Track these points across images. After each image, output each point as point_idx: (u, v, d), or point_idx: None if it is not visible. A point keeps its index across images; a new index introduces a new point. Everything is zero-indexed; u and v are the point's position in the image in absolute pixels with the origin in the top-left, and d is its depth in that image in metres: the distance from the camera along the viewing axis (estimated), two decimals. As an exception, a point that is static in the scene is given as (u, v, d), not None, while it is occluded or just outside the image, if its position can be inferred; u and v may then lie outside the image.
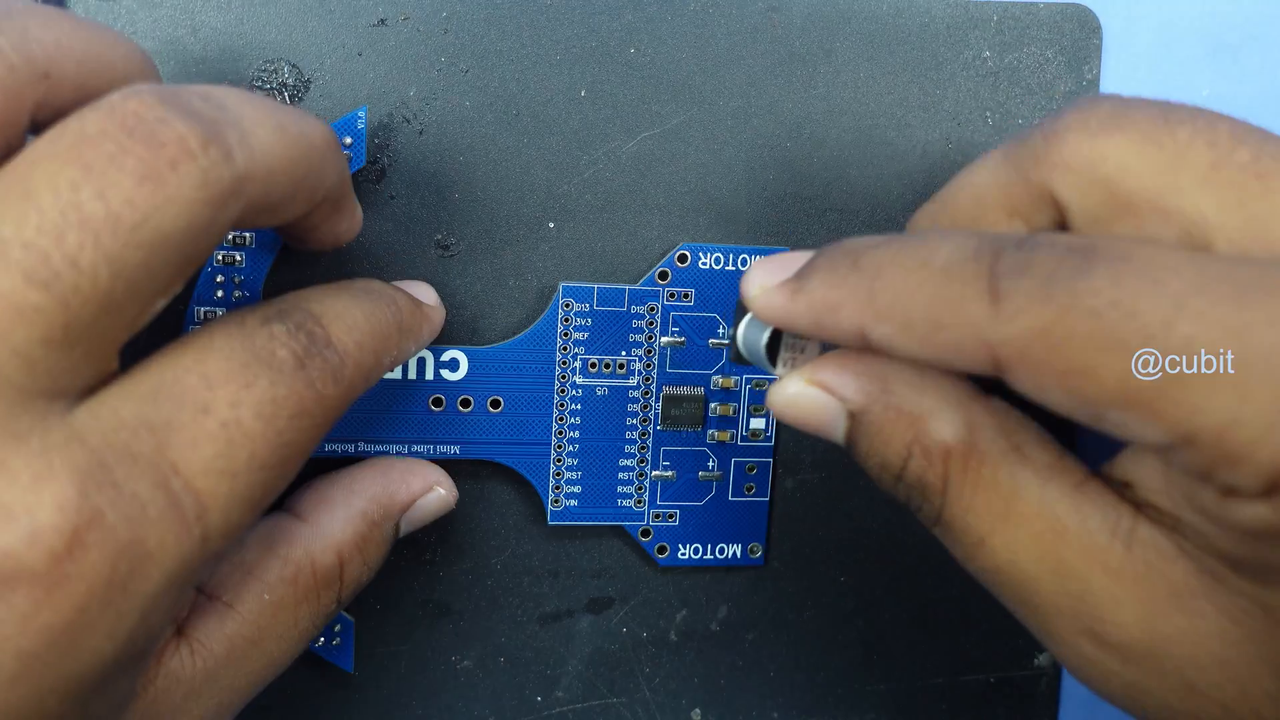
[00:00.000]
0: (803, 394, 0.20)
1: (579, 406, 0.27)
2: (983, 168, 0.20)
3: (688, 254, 0.26)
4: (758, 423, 0.27)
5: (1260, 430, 0.15)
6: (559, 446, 0.27)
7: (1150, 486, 0.18)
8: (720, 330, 0.27)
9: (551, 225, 0.26)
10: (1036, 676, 0.30)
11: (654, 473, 0.27)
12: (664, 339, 0.27)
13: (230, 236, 0.24)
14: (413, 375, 0.26)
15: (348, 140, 0.24)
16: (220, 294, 0.24)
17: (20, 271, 0.15)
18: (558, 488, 0.27)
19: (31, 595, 0.16)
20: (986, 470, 0.19)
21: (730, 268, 0.27)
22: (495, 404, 0.26)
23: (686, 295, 0.26)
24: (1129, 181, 0.18)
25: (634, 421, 0.27)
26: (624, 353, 0.26)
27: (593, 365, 0.26)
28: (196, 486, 0.17)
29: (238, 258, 0.24)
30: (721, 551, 0.28)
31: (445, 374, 0.26)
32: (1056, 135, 0.19)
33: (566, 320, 0.26)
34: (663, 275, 0.26)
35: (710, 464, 0.27)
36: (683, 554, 0.28)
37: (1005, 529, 0.18)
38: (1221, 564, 0.17)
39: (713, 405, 0.27)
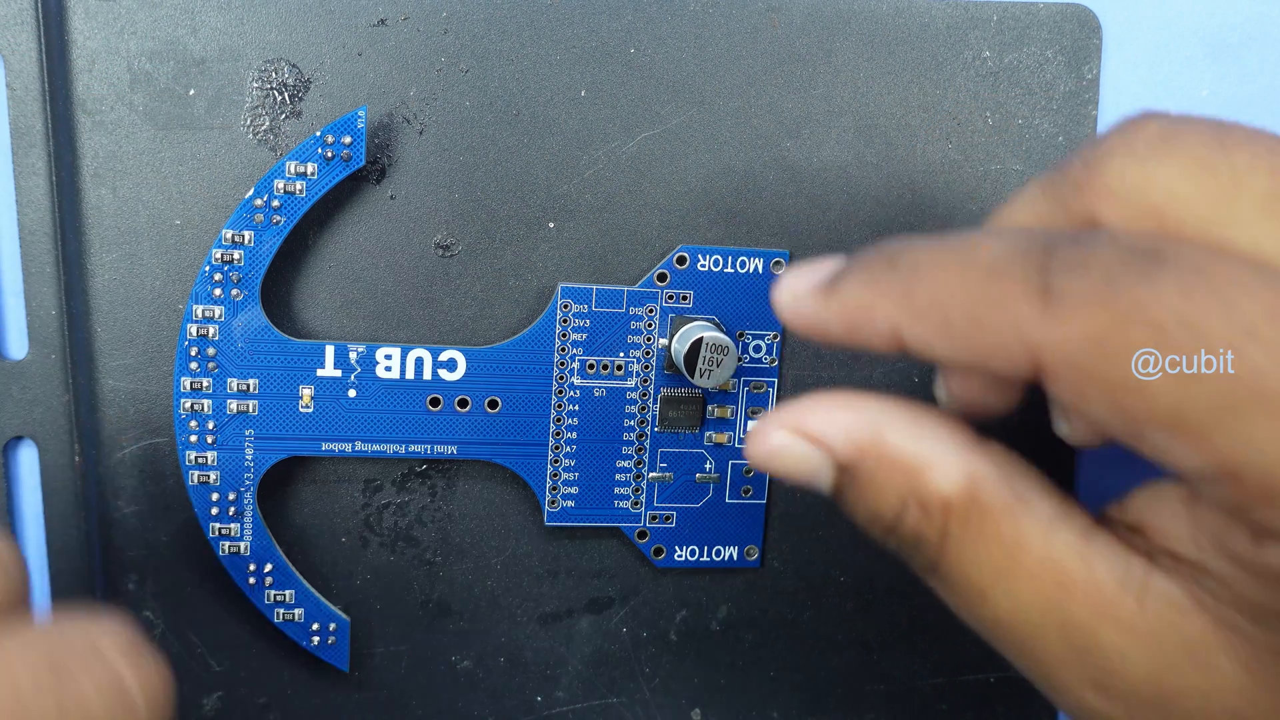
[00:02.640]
0: (787, 446, 0.19)
1: (576, 408, 0.26)
2: (1019, 202, 0.19)
3: (686, 256, 0.26)
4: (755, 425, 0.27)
5: None
6: (556, 448, 0.27)
7: (1167, 531, 0.17)
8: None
9: (551, 225, 0.26)
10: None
11: (651, 474, 0.27)
12: (661, 340, 0.27)
13: (230, 235, 0.24)
14: (410, 375, 0.26)
15: (347, 139, 0.24)
16: (219, 292, 0.24)
17: None
18: (554, 489, 0.27)
19: None
20: (989, 523, 0.18)
21: (729, 270, 0.27)
22: (493, 404, 0.26)
23: (685, 297, 0.26)
24: (1179, 210, 0.16)
25: (631, 423, 0.27)
26: (622, 354, 0.26)
27: (590, 366, 0.26)
28: None
29: (236, 256, 0.24)
30: (718, 554, 0.28)
31: (443, 374, 0.26)
32: (1099, 160, 0.17)
33: (565, 321, 0.26)
34: (661, 277, 0.26)
35: (707, 466, 0.27)
36: (679, 556, 0.28)
37: (1008, 582, 0.17)
38: (1241, 615, 0.16)
39: (710, 407, 0.27)
